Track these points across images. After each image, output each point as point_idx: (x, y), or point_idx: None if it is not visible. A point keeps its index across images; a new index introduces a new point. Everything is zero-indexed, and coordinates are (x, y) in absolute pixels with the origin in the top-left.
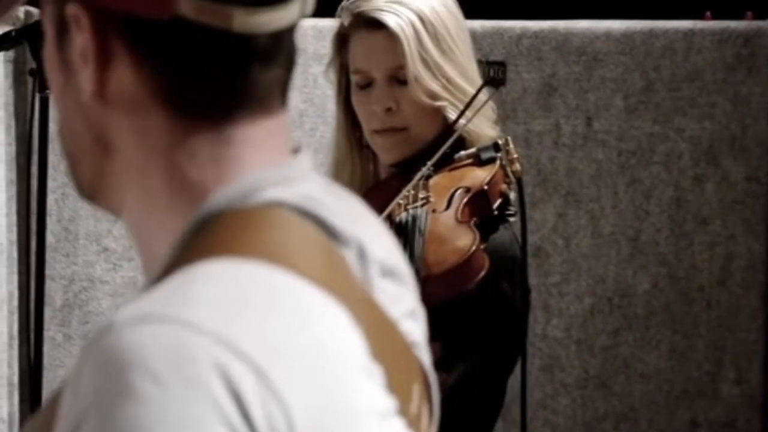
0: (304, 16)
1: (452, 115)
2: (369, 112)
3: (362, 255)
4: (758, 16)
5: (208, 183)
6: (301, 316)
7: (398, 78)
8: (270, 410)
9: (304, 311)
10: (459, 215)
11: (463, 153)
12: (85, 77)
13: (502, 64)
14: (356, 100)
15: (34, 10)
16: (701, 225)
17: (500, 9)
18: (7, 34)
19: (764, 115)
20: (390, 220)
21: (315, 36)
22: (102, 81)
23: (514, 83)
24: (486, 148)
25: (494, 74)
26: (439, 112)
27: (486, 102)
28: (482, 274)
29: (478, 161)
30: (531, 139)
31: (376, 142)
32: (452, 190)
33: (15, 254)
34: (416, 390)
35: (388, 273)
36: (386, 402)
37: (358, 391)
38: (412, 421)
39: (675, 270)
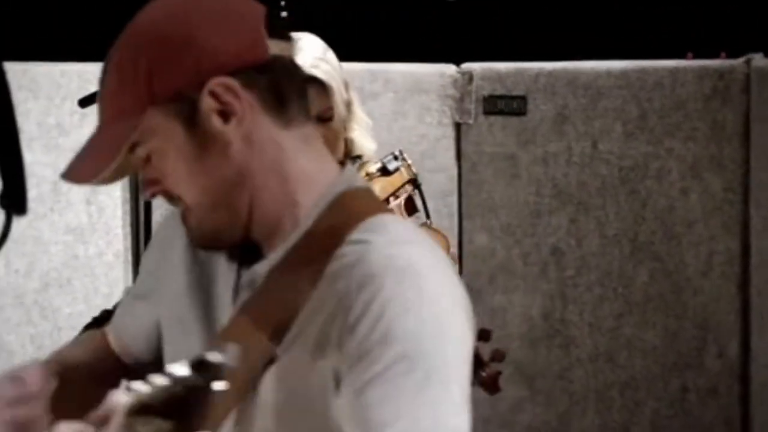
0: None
1: (359, 140)
2: None
3: None
4: (730, 56)
5: (311, 168)
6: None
7: (322, 117)
8: None
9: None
10: (404, 216)
11: (372, 168)
12: (233, 130)
13: (523, 98)
14: None
15: None
16: (688, 228)
17: (521, 53)
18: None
19: (737, 137)
20: None
21: None
22: (244, 126)
23: (533, 113)
24: (389, 160)
25: (518, 106)
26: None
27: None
28: None
29: (386, 171)
30: (548, 158)
31: None
32: (383, 198)
33: (130, 258)
34: None
35: None
36: None
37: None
38: None
39: (667, 265)
